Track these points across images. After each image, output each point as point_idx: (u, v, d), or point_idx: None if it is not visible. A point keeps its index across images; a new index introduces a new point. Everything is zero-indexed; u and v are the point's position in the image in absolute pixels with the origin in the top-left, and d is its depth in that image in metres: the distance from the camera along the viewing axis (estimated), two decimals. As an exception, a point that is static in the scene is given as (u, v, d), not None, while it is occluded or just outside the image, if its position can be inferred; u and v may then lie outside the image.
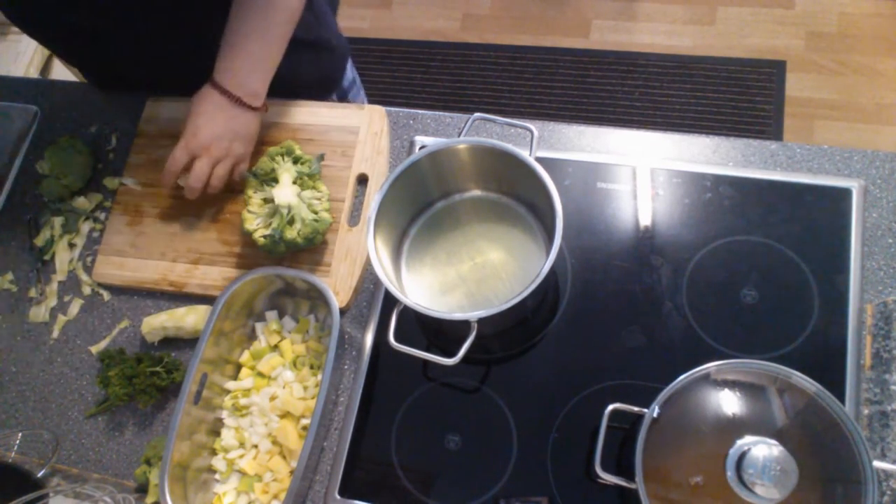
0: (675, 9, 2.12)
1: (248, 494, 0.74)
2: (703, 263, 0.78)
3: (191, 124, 0.81)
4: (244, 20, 0.79)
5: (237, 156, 0.83)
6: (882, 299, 0.73)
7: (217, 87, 0.80)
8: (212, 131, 0.80)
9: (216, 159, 0.81)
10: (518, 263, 0.77)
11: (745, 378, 0.61)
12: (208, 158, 0.81)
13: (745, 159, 0.83)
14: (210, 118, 0.80)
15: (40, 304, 0.90)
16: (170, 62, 0.91)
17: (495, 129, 0.89)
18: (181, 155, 0.81)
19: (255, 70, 0.81)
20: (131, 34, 0.88)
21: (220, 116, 0.80)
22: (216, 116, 0.80)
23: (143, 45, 0.90)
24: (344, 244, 0.84)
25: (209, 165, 0.81)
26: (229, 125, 0.81)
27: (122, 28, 0.87)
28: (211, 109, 0.80)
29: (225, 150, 0.81)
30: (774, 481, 0.54)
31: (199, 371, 0.73)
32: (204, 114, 0.80)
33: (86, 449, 0.82)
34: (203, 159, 0.80)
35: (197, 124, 0.80)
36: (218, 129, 0.80)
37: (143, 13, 0.84)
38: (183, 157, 0.81)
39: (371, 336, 0.80)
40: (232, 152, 0.82)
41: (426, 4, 2.27)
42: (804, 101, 1.93)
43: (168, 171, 0.82)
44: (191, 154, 0.81)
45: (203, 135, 0.80)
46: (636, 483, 0.59)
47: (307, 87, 0.98)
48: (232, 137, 0.81)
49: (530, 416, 0.74)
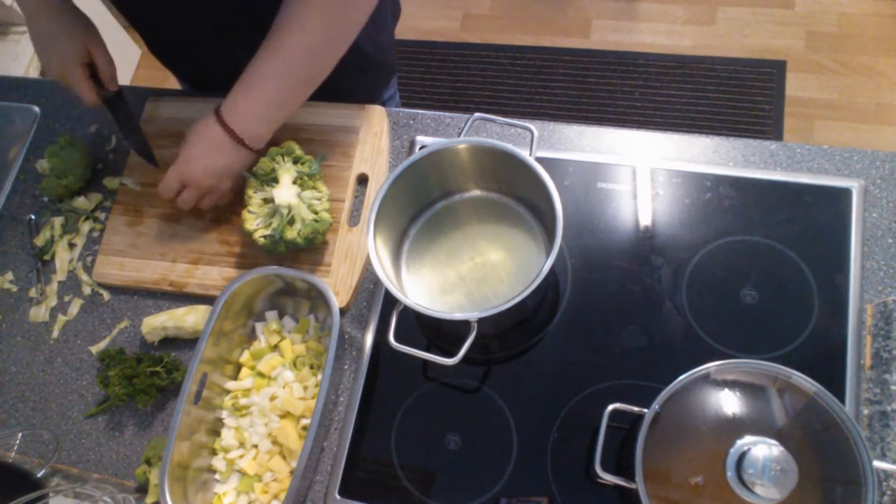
0: (675, 9, 2.12)
1: (248, 494, 0.74)
2: (703, 263, 0.78)
3: (185, 151, 0.79)
4: (267, 58, 0.74)
5: (225, 191, 0.83)
6: (882, 299, 0.73)
7: (221, 122, 0.77)
8: (205, 165, 0.79)
9: (204, 192, 0.81)
10: (518, 263, 0.77)
11: (745, 378, 0.61)
12: (196, 190, 0.81)
13: (745, 159, 0.83)
14: (205, 151, 0.78)
15: (40, 304, 0.90)
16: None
17: (495, 129, 0.89)
18: (173, 183, 0.81)
19: (264, 116, 0.78)
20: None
21: (217, 152, 0.78)
22: (212, 151, 0.78)
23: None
24: (344, 244, 0.84)
25: (195, 197, 0.82)
26: (224, 162, 0.79)
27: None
28: (208, 143, 0.78)
29: (214, 187, 0.81)
30: (774, 481, 0.54)
31: (199, 371, 0.73)
32: (200, 145, 0.78)
33: (86, 449, 0.82)
34: (191, 190, 0.81)
35: (191, 153, 0.79)
36: (211, 164, 0.79)
37: None
38: (174, 185, 0.81)
39: (371, 336, 0.80)
40: (220, 188, 0.82)
41: (426, 4, 2.27)
42: (804, 101, 1.93)
43: (162, 194, 0.82)
44: (181, 182, 0.80)
45: (195, 167, 0.79)
46: (636, 483, 0.59)
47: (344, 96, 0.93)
48: (224, 174, 0.80)
49: (530, 416, 0.74)
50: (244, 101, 0.76)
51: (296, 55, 0.74)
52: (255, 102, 0.76)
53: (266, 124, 0.79)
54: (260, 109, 0.77)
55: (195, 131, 0.79)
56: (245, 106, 0.77)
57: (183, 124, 0.94)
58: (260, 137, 0.79)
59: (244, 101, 0.76)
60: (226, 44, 0.87)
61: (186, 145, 0.79)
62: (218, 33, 0.86)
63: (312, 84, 0.78)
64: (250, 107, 0.77)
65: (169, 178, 0.80)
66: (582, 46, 2.13)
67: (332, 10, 0.72)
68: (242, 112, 0.77)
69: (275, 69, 0.75)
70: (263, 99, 0.76)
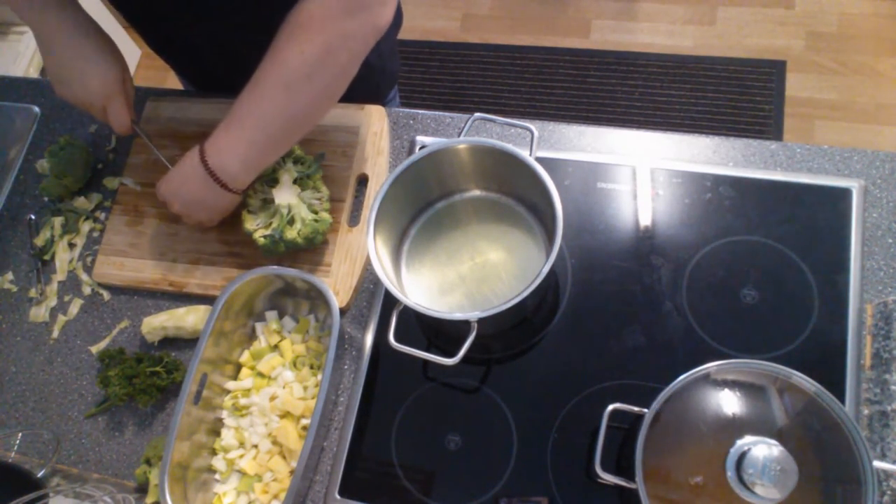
0: (676, 9, 2.12)
1: (248, 494, 0.74)
2: (703, 263, 0.78)
3: (171, 171, 0.79)
4: (252, 96, 0.70)
5: (199, 221, 0.82)
6: (882, 299, 0.73)
7: (201, 156, 0.73)
8: (177, 192, 0.77)
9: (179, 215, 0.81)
10: (518, 263, 0.77)
11: (745, 378, 0.61)
12: (172, 209, 0.80)
13: (745, 159, 0.83)
14: (185, 179, 0.76)
15: (40, 304, 0.90)
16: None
17: (495, 129, 0.89)
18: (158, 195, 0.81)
19: (244, 156, 0.73)
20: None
21: (194, 182, 0.75)
22: (189, 180, 0.75)
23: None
24: (344, 244, 0.84)
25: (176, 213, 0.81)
26: (199, 195, 0.76)
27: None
28: (189, 171, 0.75)
29: (185, 215, 0.81)
30: (774, 481, 0.54)
31: (199, 371, 0.73)
32: (181, 171, 0.76)
33: (86, 449, 0.82)
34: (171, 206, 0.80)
35: (172, 176, 0.78)
36: (186, 193, 0.77)
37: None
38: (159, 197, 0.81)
39: (371, 336, 0.80)
40: (193, 218, 0.81)
41: (426, 4, 2.27)
42: (804, 100, 1.93)
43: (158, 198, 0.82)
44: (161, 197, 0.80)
45: (170, 189, 0.78)
46: (636, 483, 0.59)
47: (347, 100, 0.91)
48: (198, 207, 0.79)
49: (530, 416, 0.74)
50: (225, 138, 0.73)
51: (274, 91, 0.69)
52: (235, 140, 0.72)
53: (243, 165, 0.74)
54: (240, 148, 0.72)
55: (185, 157, 0.76)
56: (225, 143, 0.73)
57: (183, 124, 0.94)
58: (236, 178, 0.74)
59: (225, 137, 0.73)
60: (228, 41, 0.87)
61: (175, 166, 0.78)
62: (221, 31, 0.86)
63: (296, 127, 0.74)
64: (230, 145, 0.73)
65: (157, 188, 0.81)
66: (582, 46, 2.13)
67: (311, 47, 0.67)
68: (222, 149, 0.73)
69: (256, 106, 0.71)
70: (243, 137, 0.72)
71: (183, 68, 1.06)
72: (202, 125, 0.93)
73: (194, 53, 0.95)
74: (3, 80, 1.07)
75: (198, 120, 0.94)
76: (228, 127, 0.72)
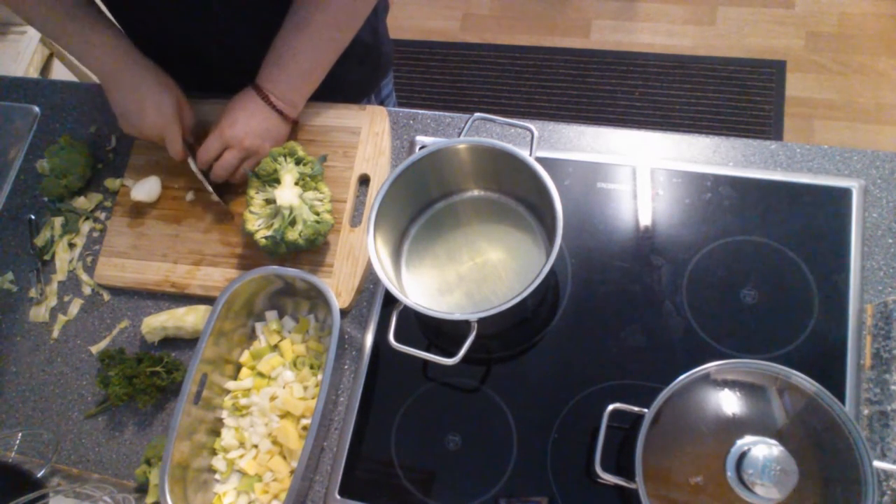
0: (675, 9, 2.12)
1: (248, 494, 0.74)
2: (703, 263, 0.78)
3: (228, 117, 0.84)
4: (298, 32, 0.81)
5: (263, 155, 0.85)
6: (882, 299, 0.73)
7: (259, 92, 0.83)
8: (249, 126, 0.83)
9: (247, 153, 0.84)
10: (518, 263, 0.77)
11: (745, 378, 0.61)
12: (239, 151, 0.84)
13: (745, 159, 0.83)
14: (250, 114, 0.83)
15: (40, 304, 0.90)
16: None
17: (495, 129, 0.89)
18: (215, 144, 0.84)
19: (300, 86, 0.85)
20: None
21: (259, 115, 0.84)
22: (255, 114, 0.83)
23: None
24: (346, 245, 0.84)
25: (238, 158, 0.84)
26: (265, 125, 0.84)
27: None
28: (251, 107, 0.83)
29: (256, 147, 0.84)
30: (774, 481, 0.54)
31: (199, 371, 0.73)
32: (244, 109, 0.83)
33: (86, 449, 0.82)
34: (234, 151, 0.84)
35: (235, 117, 0.83)
36: (254, 125, 0.83)
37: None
38: (216, 146, 0.84)
39: (371, 336, 0.81)
40: (261, 151, 0.85)
41: (426, 4, 2.27)
42: (804, 100, 1.93)
43: (201, 159, 0.85)
44: (224, 144, 0.84)
45: (239, 127, 0.83)
46: (636, 483, 0.59)
47: (345, 87, 0.97)
48: (265, 136, 0.84)
49: (530, 416, 0.74)
50: (279, 73, 0.83)
51: (325, 30, 0.81)
52: (290, 75, 0.83)
53: (299, 93, 0.85)
54: (293, 80, 0.84)
55: (236, 101, 0.84)
56: (280, 77, 0.83)
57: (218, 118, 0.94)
58: (294, 105, 0.86)
59: (279, 72, 0.83)
60: (227, 44, 0.88)
61: (228, 112, 0.84)
62: (213, 35, 0.87)
63: (336, 55, 0.85)
64: (286, 78, 0.83)
65: (210, 142, 0.84)
66: (582, 46, 2.13)
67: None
68: (277, 82, 0.83)
69: (308, 43, 0.81)
70: (296, 70, 0.83)
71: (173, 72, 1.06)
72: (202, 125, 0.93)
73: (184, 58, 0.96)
74: (3, 80, 1.07)
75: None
76: (281, 63, 0.82)
